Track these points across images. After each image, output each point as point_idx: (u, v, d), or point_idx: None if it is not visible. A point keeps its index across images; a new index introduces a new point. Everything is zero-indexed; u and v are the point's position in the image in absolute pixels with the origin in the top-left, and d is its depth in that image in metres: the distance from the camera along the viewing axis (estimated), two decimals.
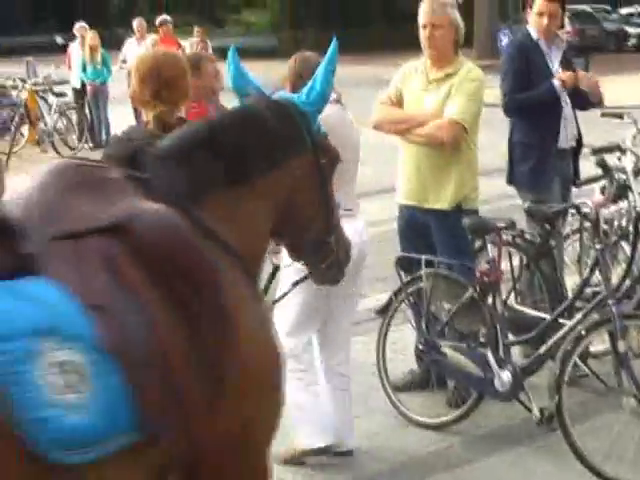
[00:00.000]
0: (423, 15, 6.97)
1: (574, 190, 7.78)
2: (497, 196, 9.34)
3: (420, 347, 6.75)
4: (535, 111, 7.60)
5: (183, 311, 3.28)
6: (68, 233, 3.24)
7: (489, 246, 6.50)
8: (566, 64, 7.80)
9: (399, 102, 7.15)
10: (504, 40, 29.43)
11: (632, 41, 46.58)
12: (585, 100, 7.79)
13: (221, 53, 18.26)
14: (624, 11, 51.06)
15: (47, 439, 2.98)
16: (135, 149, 4.18)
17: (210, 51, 18.14)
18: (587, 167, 7.62)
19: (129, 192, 3.53)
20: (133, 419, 3.14)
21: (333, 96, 5.65)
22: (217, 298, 3.39)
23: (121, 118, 16.65)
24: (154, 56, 5.17)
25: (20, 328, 2.96)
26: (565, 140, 7.75)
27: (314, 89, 4.16)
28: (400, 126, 7.08)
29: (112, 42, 28.86)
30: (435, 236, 6.97)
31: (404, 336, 7.34)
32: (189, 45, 22.59)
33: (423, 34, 6.97)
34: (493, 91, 8.12)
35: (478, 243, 6.82)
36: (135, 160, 3.90)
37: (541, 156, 7.66)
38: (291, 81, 5.99)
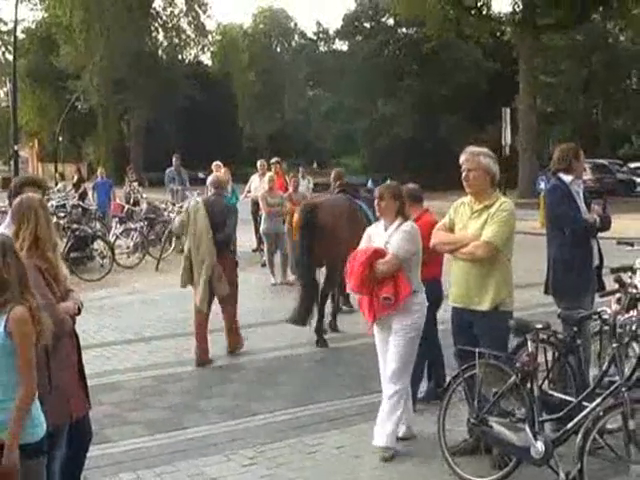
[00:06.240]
0: (462, 162, 7.12)
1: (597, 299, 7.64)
2: (535, 304, 9.26)
3: (472, 421, 6.63)
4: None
5: None
6: None
7: (529, 342, 6.43)
8: (586, 202, 7.80)
9: (451, 228, 7.28)
10: (541, 184, 29.31)
11: (639, 188, 46.66)
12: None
13: (322, 187, 18.56)
14: (632, 165, 50.74)
15: None
16: None
17: (301, 187, 18.56)
18: (606, 282, 7.56)
19: None
20: None
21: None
22: None
23: (243, 232, 17.07)
24: None
25: None
26: (595, 259, 7.72)
27: None
28: (450, 246, 7.20)
29: (241, 177, 30.54)
30: (477, 331, 6.94)
31: (460, 412, 7.16)
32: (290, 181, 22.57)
33: (463, 176, 7.11)
34: (529, 223, 8.04)
35: (520, 339, 6.76)
36: None
37: (583, 271, 7.59)
38: None
